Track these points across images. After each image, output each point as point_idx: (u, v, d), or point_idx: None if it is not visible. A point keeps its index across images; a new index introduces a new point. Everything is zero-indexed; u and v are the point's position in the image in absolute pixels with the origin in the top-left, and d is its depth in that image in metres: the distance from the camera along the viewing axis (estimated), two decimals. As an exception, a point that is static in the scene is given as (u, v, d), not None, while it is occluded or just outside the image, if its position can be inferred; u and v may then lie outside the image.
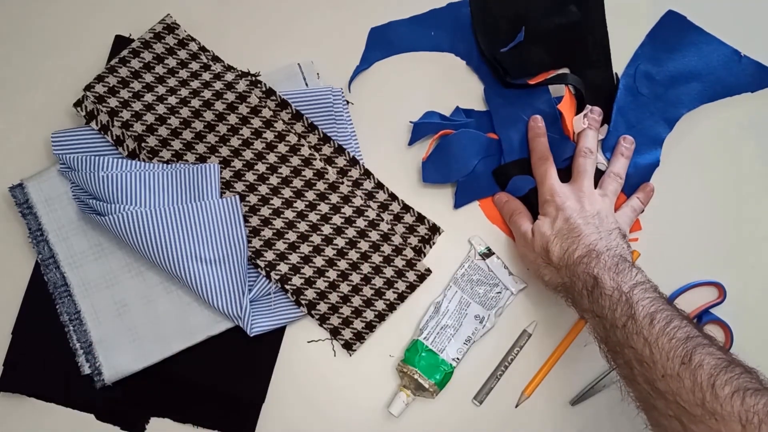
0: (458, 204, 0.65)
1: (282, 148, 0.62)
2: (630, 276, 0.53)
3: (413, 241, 0.64)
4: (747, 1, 0.70)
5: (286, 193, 0.62)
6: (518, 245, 0.64)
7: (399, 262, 0.63)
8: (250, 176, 0.62)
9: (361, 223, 0.63)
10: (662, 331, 0.49)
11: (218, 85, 0.62)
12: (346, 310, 0.62)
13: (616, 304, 0.52)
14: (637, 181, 0.65)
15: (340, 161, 0.63)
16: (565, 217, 0.59)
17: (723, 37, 0.68)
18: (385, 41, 0.67)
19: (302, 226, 0.62)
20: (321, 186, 0.63)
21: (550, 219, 0.60)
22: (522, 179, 0.64)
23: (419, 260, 0.63)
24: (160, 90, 0.61)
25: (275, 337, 0.62)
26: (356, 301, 0.62)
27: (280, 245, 0.62)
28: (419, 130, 0.65)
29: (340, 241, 0.62)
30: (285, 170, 0.62)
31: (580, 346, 0.64)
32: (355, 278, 0.62)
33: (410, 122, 0.65)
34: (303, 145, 0.62)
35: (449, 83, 0.67)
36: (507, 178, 0.64)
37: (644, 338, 0.49)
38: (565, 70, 0.66)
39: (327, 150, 0.63)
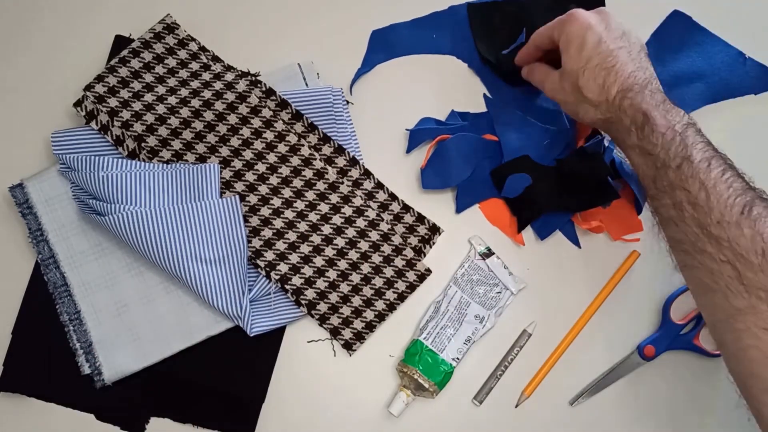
0: (460, 208, 0.65)
1: (282, 148, 0.62)
2: (679, 114, 0.51)
3: (413, 241, 0.64)
4: (752, 3, 0.69)
5: (286, 193, 0.62)
6: (547, 88, 0.59)
7: (399, 262, 0.63)
8: (250, 176, 0.62)
9: (361, 223, 0.63)
10: (719, 178, 0.48)
11: (218, 85, 0.62)
12: (346, 310, 0.62)
13: (670, 144, 0.50)
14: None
15: (340, 161, 0.63)
16: (594, 41, 0.53)
17: (728, 39, 0.68)
18: (386, 44, 0.67)
19: (302, 226, 0.62)
20: (321, 186, 0.63)
21: (575, 46, 0.54)
22: (518, 178, 0.63)
23: (419, 260, 0.63)
24: (160, 90, 0.61)
25: (275, 337, 0.62)
26: (356, 301, 0.62)
27: (280, 245, 0.62)
28: (415, 137, 0.65)
29: (340, 241, 0.62)
30: (285, 170, 0.62)
31: (580, 346, 0.64)
32: (355, 278, 0.62)
33: (406, 130, 0.65)
34: (303, 145, 0.62)
35: (451, 86, 0.67)
36: (503, 179, 0.64)
37: (700, 182, 0.48)
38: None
39: (327, 150, 0.63)
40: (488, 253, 0.64)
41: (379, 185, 0.64)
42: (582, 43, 0.54)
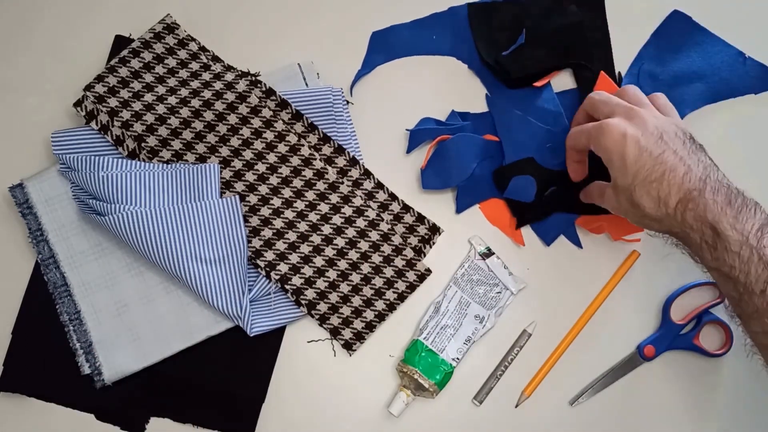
0: (460, 209, 0.65)
1: (282, 148, 0.62)
2: (750, 215, 0.47)
3: (413, 241, 0.64)
4: (752, 3, 0.69)
5: (286, 193, 0.62)
6: (608, 207, 0.56)
7: (399, 262, 0.63)
8: (250, 176, 0.62)
9: (361, 223, 0.63)
10: None
11: (218, 85, 0.62)
12: (346, 310, 0.62)
13: (748, 264, 0.45)
14: None
15: (340, 161, 0.63)
16: (634, 153, 0.49)
17: (728, 39, 0.68)
18: (386, 45, 0.67)
19: (302, 226, 0.62)
20: (321, 186, 0.63)
21: (618, 161, 0.50)
22: (522, 180, 0.63)
23: (419, 260, 0.63)
24: (160, 90, 0.61)
25: (275, 337, 0.62)
26: (356, 301, 0.62)
27: (280, 245, 0.62)
28: (416, 137, 0.65)
29: (340, 241, 0.62)
30: (285, 170, 0.62)
31: (580, 346, 0.64)
32: (355, 278, 0.62)
33: (406, 130, 0.65)
34: (303, 145, 0.62)
35: (451, 87, 0.67)
36: (506, 180, 0.64)
37: None
38: (568, 71, 0.66)
39: (327, 150, 0.63)
40: (488, 253, 0.64)
41: (379, 185, 0.64)
42: (623, 157, 0.50)
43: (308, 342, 0.63)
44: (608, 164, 0.52)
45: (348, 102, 0.66)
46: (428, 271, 0.63)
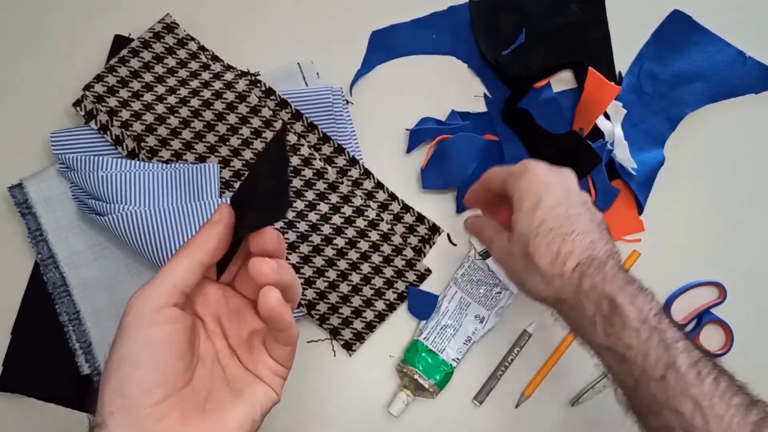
0: (460, 209, 0.65)
1: (282, 147, 0.62)
2: (647, 300, 0.43)
3: (413, 241, 0.64)
4: (752, 3, 0.69)
5: (286, 193, 0.62)
6: (494, 249, 0.51)
7: (399, 262, 0.63)
8: (249, 176, 0.62)
9: (361, 223, 0.63)
10: (714, 392, 0.39)
11: (218, 85, 0.62)
12: (346, 310, 0.62)
13: (647, 345, 0.40)
14: (643, 178, 0.65)
15: (340, 161, 0.63)
16: (550, 203, 0.45)
17: (728, 38, 0.68)
18: (386, 44, 0.67)
19: (302, 226, 0.62)
20: (321, 186, 0.62)
21: (529, 204, 0.46)
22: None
23: (419, 260, 0.63)
24: (160, 89, 0.61)
25: (275, 337, 0.62)
26: (356, 301, 0.62)
27: (280, 245, 0.62)
28: (415, 137, 0.65)
29: (339, 241, 0.62)
30: (285, 170, 0.62)
31: (580, 347, 0.64)
32: (355, 278, 0.62)
33: (406, 130, 0.65)
34: (303, 145, 0.62)
35: (451, 86, 0.67)
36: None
37: (694, 401, 0.39)
38: (568, 71, 0.66)
39: (327, 150, 0.63)
40: (488, 253, 0.64)
41: (379, 185, 0.64)
42: (537, 201, 0.45)
43: (308, 342, 0.63)
44: (516, 206, 0.47)
45: (348, 102, 0.65)
46: (428, 271, 0.63)
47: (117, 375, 0.33)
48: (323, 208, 0.62)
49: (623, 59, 0.68)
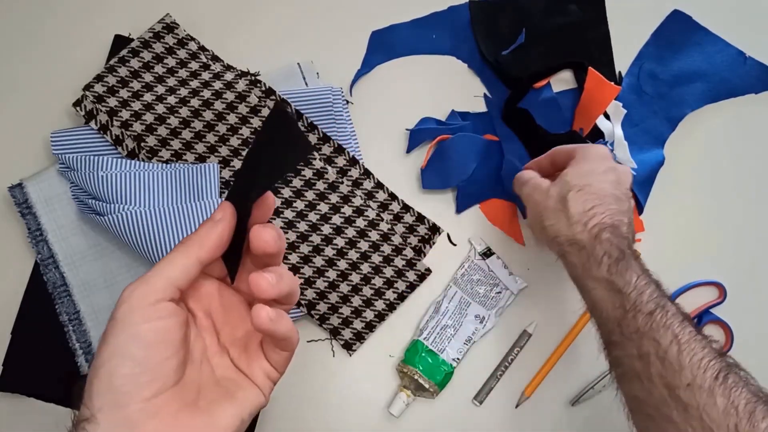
0: (460, 209, 0.65)
1: (282, 147, 0.62)
2: (650, 274, 0.48)
3: (413, 240, 0.64)
4: (752, 3, 0.69)
5: (286, 193, 0.62)
6: (530, 184, 0.56)
7: (399, 261, 0.63)
8: (249, 176, 0.62)
9: (361, 223, 0.62)
10: (694, 336, 0.43)
11: (218, 85, 0.62)
12: (345, 310, 0.62)
13: (645, 287, 0.46)
14: (643, 178, 0.65)
15: (340, 161, 0.63)
16: (602, 169, 0.52)
17: (728, 38, 0.68)
18: (386, 44, 0.67)
19: (302, 226, 0.62)
20: (321, 186, 0.62)
21: (587, 164, 0.53)
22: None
23: (419, 260, 0.63)
24: (160, 89, 0.61)
25: (275, 337, 0.62)
26: (356, 301, 0.62)
27: (280, 245, 0.62)
28: (415, 137, 0.65)
29: (340, 241, 0.62)
30: (285, 170, 0.62)
31: (581, 346, 0.64)
32: (355, 278, 0.62)
33: (406, 129, 0.65)
34: (303, 145, 0.62)
35: (451, 86, 0.67)
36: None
37: (674, 334, 0.43)
38: (568, 71, 0.66)
39: (327, 150, 0.63)
40: (488, 253, 0.64)
41: (379, 185, 0.64)
42: (593, 169, 0.52)
43: (308, 342, 0.63)
44: (573, 162, 0.54)
45: (348, 102, 0.65)
46: (428, 270, 0.63)
47: (107, 368, 0.32)
48: (323, 208, 0.62)
49: (623, 59, 0.68)
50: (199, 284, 0.37)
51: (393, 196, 0.64)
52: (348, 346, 0.62)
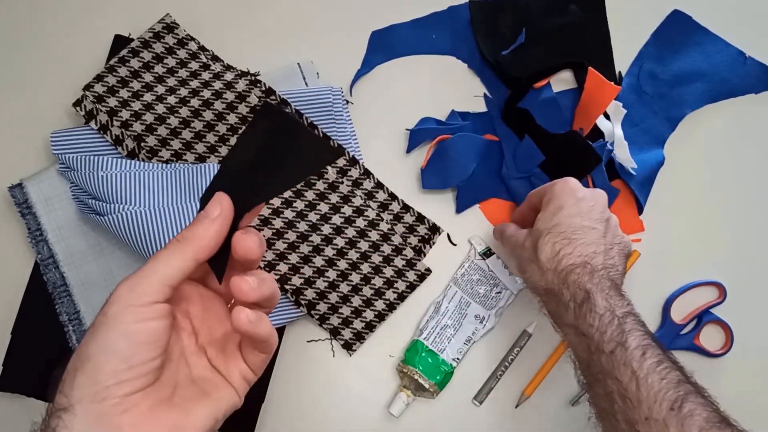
0: (460, 209, 0.65)
1: (282, 147, 0.62)
2: (623, 302, 0.49)
3: (413, 240, 0.64)
4: (752, 3, 0.69)
5: (286, 193, 0.62)
6: (508, 233, 0.59)
7: (399, 261, 0.63)
8: (249, 176, 0.62)
9: (361, 223, 0.62)
10: (653, 369, 0.44)
11: (218, 85, 0.62)
12: (345, 310, 0.62)
13: (607, 326, 0.47)
14: (643, 178, 0.65)
15: (340, 161, 0.63)
16: (570, 211, 0.52)
17: (728, 38, 0.68)
18: (386, 44, 0.67)
19: (302, 226, 0.62)
20: (321, 186, 0.62)
21: (552, 207, 0.53)
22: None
23: (419, 260, 0.63)
24: (160, 89, 0.61)
25: (275, 337, 0.62)
26: (356, 301, 0.62)
27: (280, 245, 0.62)
28: (415, 137, 0.65)
29: (340, 241, 0.62)
30: (285, 170, 0.62)
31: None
32: (355, 278, 0.62)
33: (406, 129, 0.65)
34: (303, 145, 0.62)
35: (451, 86, 0.67)
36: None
37: (632, 371, 0.44)
38: (568, 71, 0.66)
39: (327, 150, 0.63)
40: (488, 253, 0.64)
41: (379, 185, 0.64)
42: (559, 207, 0.53)
43: (308, 342, 0.63)
44: (543, 207, 0.54)
45: (348, 101, 0.65)
46: (428, 270, 0.63)
47: (94, 363, 0.32)
48: (323, 208, 0.62)
49: (623, 59, 0.68)
50: (179, 285, 0.37)
51: (393, 196, 0.64)
52: (348, 346, 0.62)
